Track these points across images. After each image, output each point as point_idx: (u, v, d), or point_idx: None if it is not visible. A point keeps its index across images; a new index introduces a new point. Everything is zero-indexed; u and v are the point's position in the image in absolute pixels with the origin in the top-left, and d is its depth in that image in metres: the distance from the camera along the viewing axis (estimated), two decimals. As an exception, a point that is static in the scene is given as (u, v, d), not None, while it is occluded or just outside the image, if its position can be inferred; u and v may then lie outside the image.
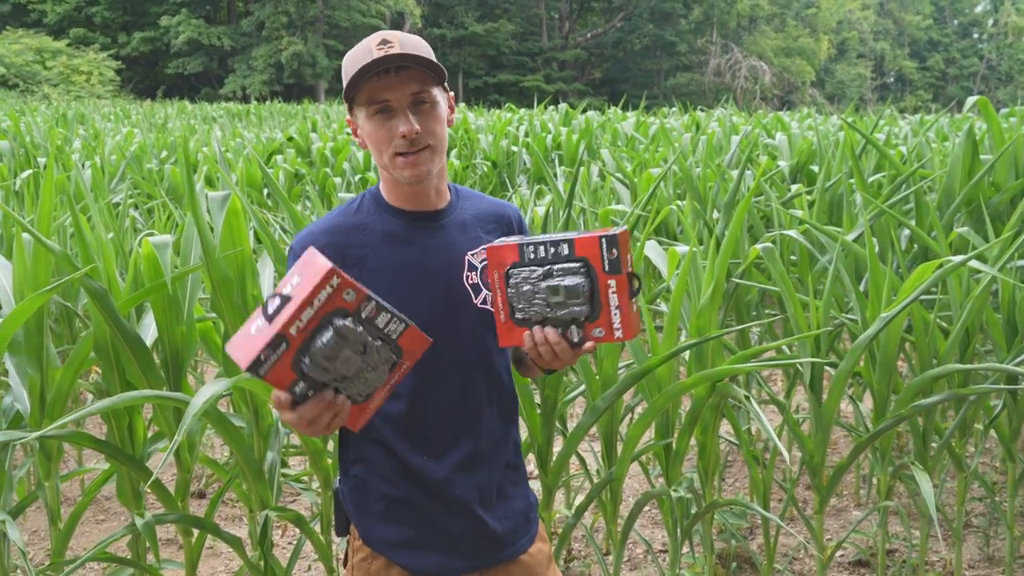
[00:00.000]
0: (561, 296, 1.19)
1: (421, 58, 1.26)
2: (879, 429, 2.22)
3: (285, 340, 1.03)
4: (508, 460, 1.46)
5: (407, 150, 1.28)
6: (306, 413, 1.08)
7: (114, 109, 18.71)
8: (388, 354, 1.11)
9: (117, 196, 5.69)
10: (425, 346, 1.14)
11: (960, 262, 2.05)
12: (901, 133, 7.55)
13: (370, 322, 1.08)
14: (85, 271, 1.82)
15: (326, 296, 1.04)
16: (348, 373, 1.08)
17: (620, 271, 1.18)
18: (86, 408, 1.72)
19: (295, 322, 1.02)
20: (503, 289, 1.23)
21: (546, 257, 1.20)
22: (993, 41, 61.01)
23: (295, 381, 1.06)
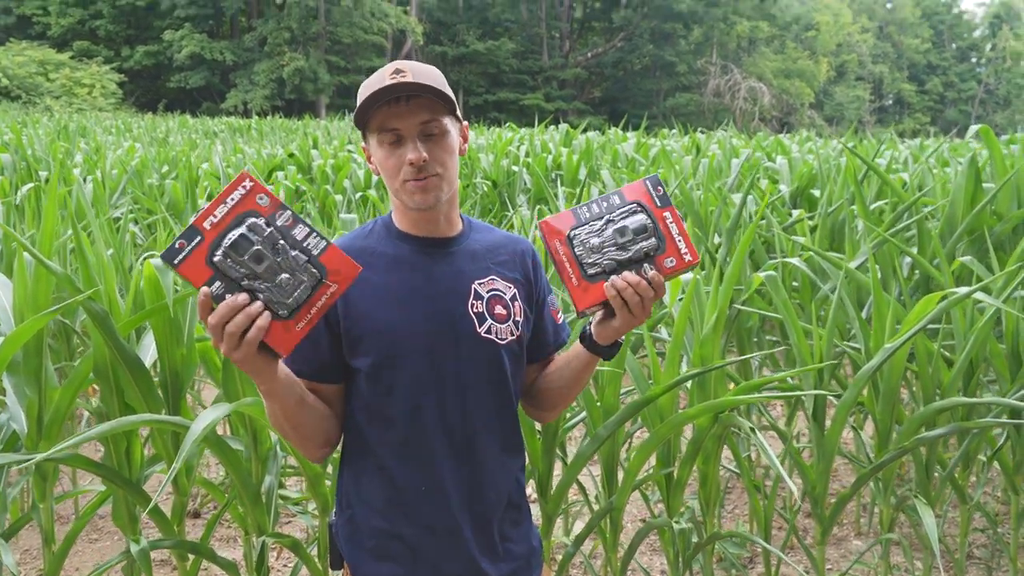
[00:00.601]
0: (629, 235, 1.25)
1: (431, 87, 1.26)
2: (882, 461, 2.21)
3: (199, 233, 1.07)
4: (510, 498, 1.42)
5: (415, 177, 1.28)
6: (222, 312, 1.07)
7: (116, 122, 18.76)
8: (308, 267, 1.11)
9: (117, 211, 5.69)
10: (354, 271, 1.14)
11: (965, 294, 2.05)
12: (901, 157, 7.58)
13: (285, 230, 1.11)
14: (87, 295, 1.80)
15: (239, 196, 1.09)
16: (259, 269, 1.08)
17: (670, 203, 1.27)
18: (85, 433, 1.70)
19: (208, 216, 1.07)
20: (568, 253, 1.27)
21: (601, 212, 1.27)
22: (991, 65, 61.49)
23: (211, 278, 1.07)
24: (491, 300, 1.36)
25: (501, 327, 1.35)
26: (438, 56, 46.06)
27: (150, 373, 2.11)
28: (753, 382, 2.02)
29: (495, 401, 1.38)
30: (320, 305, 1.13)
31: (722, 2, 46.72)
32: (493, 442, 1.39)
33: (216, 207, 1.08)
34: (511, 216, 5.43)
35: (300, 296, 1.11)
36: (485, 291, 1.36)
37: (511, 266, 1.41)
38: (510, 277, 1.40)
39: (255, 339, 1.08)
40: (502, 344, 1.35)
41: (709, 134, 10.01)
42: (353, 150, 9.51)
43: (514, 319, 1.37)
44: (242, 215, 1.09)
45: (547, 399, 1.48)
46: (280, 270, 1.10)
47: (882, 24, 62.55)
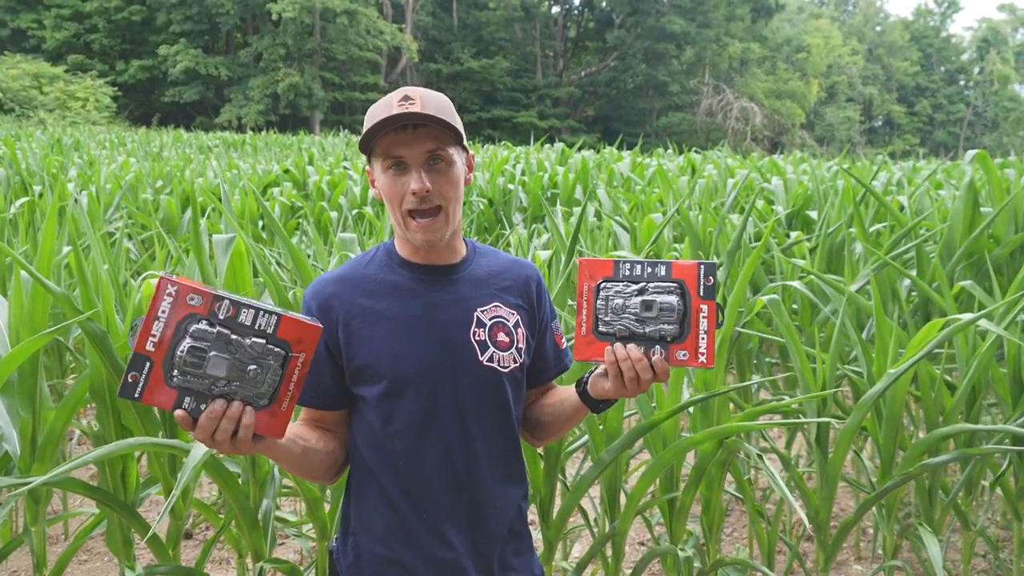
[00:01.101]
0: (654, 312, 1.20)
1: (437, 118, 1.25)
2: (886, 487, 2.19)
3: (147, 359, 1.02)
4: (511, 526, 1.40)
5: (418, 207, 1.27)
6: (204, 426, 1.05)
7: (109, 136, 18.72)
8: (269, 349, 1.06)
9: (111, 226, 5.66)
10: (316, 333, 1.09)
11: (969, 321, 2.04)
12: (894, 179, 7.63)
13: (232, 321, 1.05)
14: (87, 316, 1.78)
15: (169, 305, 1.02)
16: (223, 374, 1.04)
17: (713, 298, 1.20)
18: (81, 457, 1.67)
19: (148, 338, 1.02)
20: (591, 301, 1.23)
21: (641, 275, 1.21)
22: (979, 88, 62.26)
23: (179, 397, 1.03)
24: (494, 327, 1.34)
25: (503, 355, 1.34)
26: (432, 73, 46.30)
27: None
28: (758, 408, 2.01)
29: (497, 429, 1.36)
30: (296, 378, 1.09)
31: (714, 23, 47.22)
32: (495, 471, 1.37)
33: (151, 325, 1.02)
34: (508, 235, 5.43)
35: (273, 380, 1.07)
36: (488, 318, 1.34)
37: (515, 292, 1.40)
38: (513, 303, 1.39)
39: (246, 437, 1.07)
40: (504, 372, 1.34)
41: (704, 155, 10.06)
42: (349, 167, 9.51)
43: (517, 346, 1.36)
44: (181, 323, 1.03)
45: (538, 428, 1.47)
46: (244, 364, 1.05)
47: (872, 46, 63.30)
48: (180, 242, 5.74)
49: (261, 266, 2.18)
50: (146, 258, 5.12)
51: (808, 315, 3.19)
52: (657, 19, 46.14)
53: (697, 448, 2.11)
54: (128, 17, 38.62)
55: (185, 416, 1.05)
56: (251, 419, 1.06)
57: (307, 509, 2.23)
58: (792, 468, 2.29)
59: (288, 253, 2.73)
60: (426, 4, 47.44)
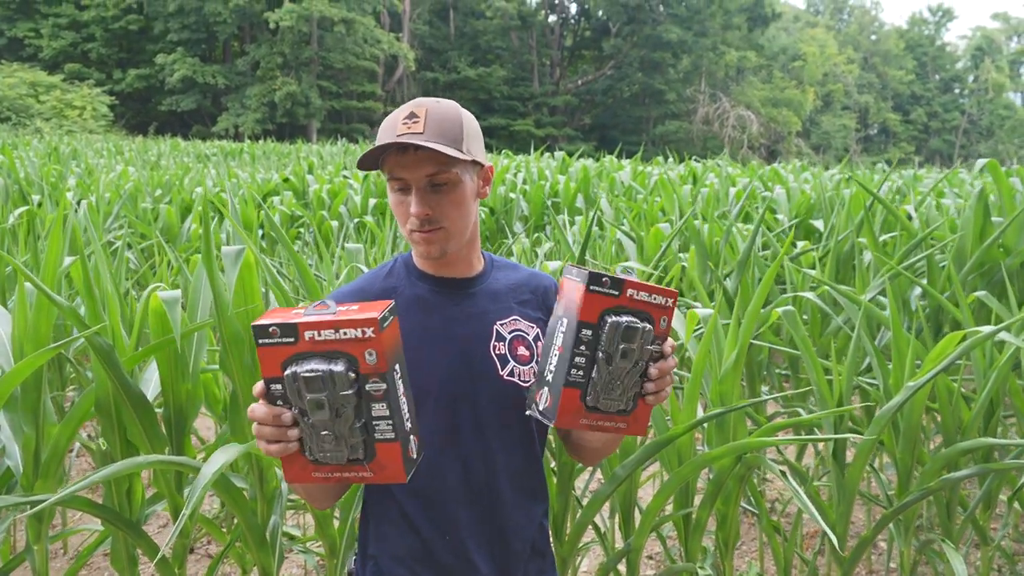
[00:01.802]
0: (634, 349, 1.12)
1: (430, 149, 1.19)
2: (906, 502, 2.16)
3: (295, 336, 0.98)
4: (534, 546, 1.36)
5: (419, 229, 1.25)
6: (258, 412, 1.03)
7: (106, 145, 18.68)
8: (358, 442, 1.02)
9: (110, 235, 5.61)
10: (395, 478, 1.04)
11: (990, 334, 2.01)
12: (894, 187, 7.63)
13: (367, 398, 1.00)
14: (95, 330, 1.74)
15: (352, 336, 0.98)
16: (311, 416, 1.00)
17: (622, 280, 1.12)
18: (89, 476, 1.62)
19: (312, 330, 0.98)
20: (600, 416, 1.15)
21: (589, 354, 1.12)
22: (974, 96, 62.58)
23: (276, 379, 1.00)
24: (514, 341, 1.32)
25: (524, 369, 1.31)
26: (429, 82, 46.38)
27: (154, 410, 2.04)
28: (777, 424, 1.97)
29: (518, 445, 1.33)
30: (347, 476, 1.05)
31: (711, 32, 47.41)
32: (516, 488, 1.33)
33: (328, 328, 0.98)
34: (511, 243, 5.40)
35: (330, 459, 1.04)
36: (507, 332, 1.31)
37: (534, 305, 1.37)
38: (533, 317, 1.36)
39: (272, 455, 1.05)
40: (526, 386, 1.30)
41: (705, 163, 10.06)
42: (349, 176, 9.48)
43: (537, 359, 1.32)
44: (339, 353, 0.99)
45: (582, 450, 1.42)
46: (328, 428, 1.01)
47: (867, 55, 63.62)
48: (180, 251, 5.70)
49: (271, 279, 2.14)
50: (146, 268, 5.08)
51: (818, 326, 3.16)
52: (654, 28, 46.32)
53: (713, 463, 2.07)
54: (125, 26, 38.65)
55: (263, 390, 1.02)
56: (288, 451, 1.04)
57: (316, 526, 2.18)
58: (809, 483, 2.25)
59: (292, 263, 2.69)
60: (423, 13, 47.58)
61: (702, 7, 46.77)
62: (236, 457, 1.70)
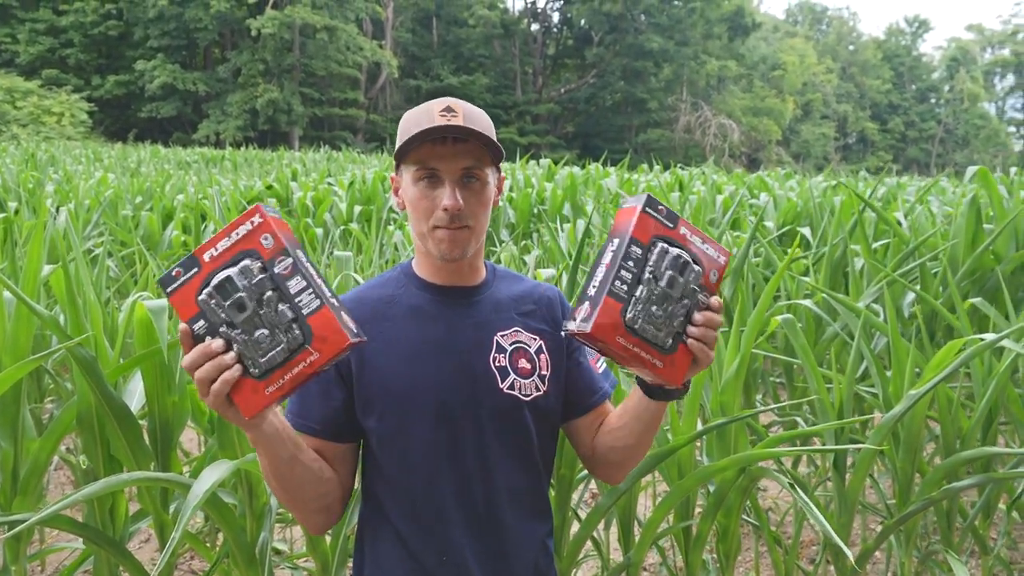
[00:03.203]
0: (679, 282, 1.09)
1: (480, 134, 1.18)
2: (909, 512, 2.13)
3: (197, 264, 1.00)
4: (537, 567, 1.30)
5: (446, 225, 1.19)
6: (191, 357, 0.98)
7: (85, 151, 18.44)
8: (291, 325, 0.99)
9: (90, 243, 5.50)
10: (342, 342, 1.00)
11: (992, 342, 1.99)
12: (878, 194, 7.68)
13: (281, 280, 1.00)
14: (77, 341, 1.67)
15: (244, 232, 1.00)
16: (237, 319, 0.99)
17: (677, 215, 1.12)
18: (71, 495, 1.55)
19: (210, 248, 1.00)
20: (637, 341, 1.09)
21: (634, 271, 1.08)
22: (950, 106, 63.51)
23: (195, 315, 0.99)
24: (515, 353, 1.26)
25: (525, 382, 1.25)
26: (412, 90, 46.34)
27: (139, 424, 1.97)
28: (780, 435, 1.94)
29: (518, 464, 1.27)
30: (296, 371, 1.00)
31: (692, 41, 47.78)
32: (518, 507, 1.28)
33: (220, 239, 1.00)
34: (498, 251, 5.35)
35: (275, 358, 0.99)
36: (508, 343, 1.26)
37: (537, 316, 1.32)
38: (536, 328, 1.30)
39: (221, 392, 0.98)
40: (526, 400, 1.25)
41: (691, 171, 10.08)
42: (333, 183, 9.40)
43: (539, 373, 1.27)
44: (240, 254, 1.00)
45: (611, 456, 1.34)
46: (260, 324, 0.99)
47: (845, 65, 64.42)
48: (162, 259, 5.60)
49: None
50: (127, 276, 4.97)
51: (813, 334, 3.14)
52: (635, 37, 46.61)
53: (716, 476, 2.03)
54: (104, 32, 38.28)
55: (187, 336, 1.00)
56: (233, 376, 0.98)
57: (307, 542, 2.12)
58: (811, 492, 2.21)
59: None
60: (406, 21, 47.57)
61: (683, 17, 47.15)
62: (228, 474, 1.63)
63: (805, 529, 3.21)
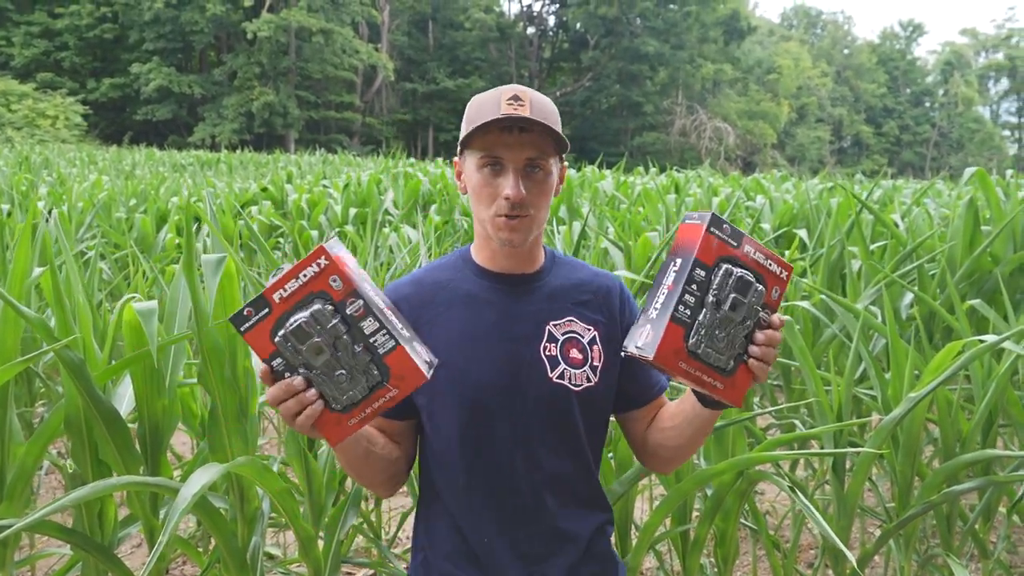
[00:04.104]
0: (743, 305, 1.09)
1: (546, 126, 1.18)
2: (909, 516, 2.10)
3: (268, 305, 1.01)
4: (589, 549, 1.30)
5: (508, 213, 1.21)
6: (274, 393, 1.04)
7: (80, 154, 18.38)
8: (369, 366, 1.03)
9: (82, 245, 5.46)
10: (419, 380, 1.05)
11: (993, 343, 1.97)
12: (874, 197, 7.68)
13: (354, 322, 1.03)
14: (64, 343, 1.64)
15: (312, 273, 1.02)
16: (316, 364, 1.02)
17: (742, 233, 1.12)
18: (58, 500, 1.52)
19: (279, 289, 1.01)
20: (700, 366, 1.09)
21: (697, 294, 1.08)
22: (944, 109, 63.74)
23: (273, 354, 1.03)
24: (566, 343, 1.27)
25: (575, 372, 1.26)
26: (408, 93, 46.36)
27: (128, 427, 1.93)
28: (780, 438, 1.92)
29: (565, 452, 1.28)
30: (377, 405, 1.06)
31: (687, 45, 47.89)
32: (565, 495, 1.29)
33: (288, 280, 1.01)
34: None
35: (355, 396, 1.04)
36: (560, 333, 1.27)
37: (593, 306, 1.32)
38: (591, 319, 1.30)
39: (305, 424, 1.04)
40: (576, 391, 1.26)
41: (687, 174, 10.07)
42: (328, 185, 9.37)
43: (591, 364, 1.27)
44: (311, 296, 1.02)
45: (660, 450, 1.35)
46: (337, 366, 1.03)
47: (840, 69, 64.63)
48: (155, 261, 5.56)
49: (254, 289, 2.05)
50: (120, 279, 4.93)
51: (811, 335, 3.12)
52: (631, 40, 46.70)
53: (714, 479, 2.00)
54: (100, 35, 38.22)
55: (267, 374, 1.04)
56: (315, 412, 1.04)
57: (300, 548, 2.08)
58: (811, 496, 2.19)
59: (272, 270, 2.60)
60: (402, 24, 47.59)
61: (679, 20, 47.26)
62: (217, 477, 1.60)
63: (804, 533, 3.19)
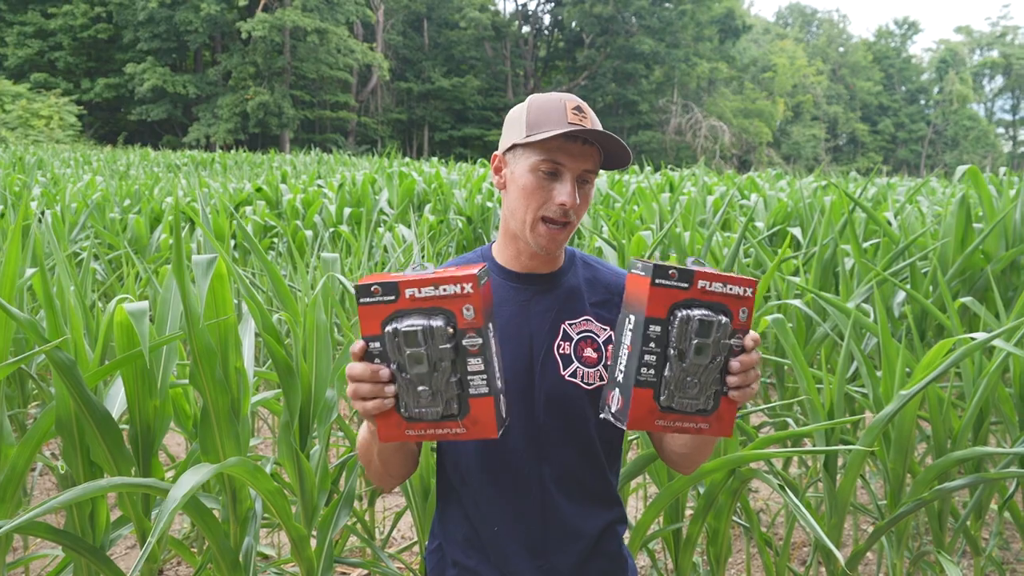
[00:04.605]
0: (708, 345, 1.05)
1: (615, 141, 1.23)
2: (900, 513, 2.11)
3: (396, 293, 1.01)
4: (597, 546, 1.32)
5: (557, 219, 1.23)
6: (356, 370, 1.05)
7: (74, 155, 18.33)
8: (453, 396, 1.04)
9: (76, 246, 5.45)
10: (487, 433, 1.05)
11: (983, 341, 1.98)
12: (868, 195, 7.70)
13: (464, 354, 1.03)
14: (54, 344, 1.63)
15: (452, 292, 1.01)
16: (409, 371, 1.03)
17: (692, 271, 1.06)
18: (48, 501, 1.52)
19: (413, 288, 1.01)
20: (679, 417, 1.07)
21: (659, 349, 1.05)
22: (939, 107, 63.86)
23: (376, 337, 1.03)
24: (581, 342, 1.29)
25: (589, 371, 1.28)
26: (403, 92, 46.31)
27: (119, 428, 1.93)
28: (772, 436, 1.92)
29: (575, 449, 1.30)
30: (439, 433, 1.06)
31: (683, 43, 47.91)
32: (575, 492, 1.31)
33: (427, 285, 1.01)
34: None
35: (426, 415, 1.05)
36: (575, 332, 1.30)
37: (611, 307, 1.33)
38: (607, 319, 1.32)
39: (369, 412, 1.06)
40: (587, 389, 1.28)
41: (681, 172, 10.08)
42: (323, 185, 9.35)
43: (605, 363, 1.29)
44: (438, 310, 1.02)
45: (674, 454, 1.35)
46: (426, 382, 1.03)
47: (835, 67, 64.71)
48: (149, 262, 5.55)
49: (245, 290, 2.05)
50: (114, 279, 4.92)
51: (803, 334, 3.12)
52: (627, 39, 46.72)
53: (705, 478, 2.01)
54: (94, 35, 38.10)
55: (362, 349, 1.05)
56: (384, 407, 1.05)
57: (292, 548, 2.08)
58: (803, 495, 2.20)
59: (266, 273, 2.59)
60: (397, 23, 47.53)
61: (674, 19, 47.29)
62: (208, 478, 1.60)
63: (797, 530, 3.20)
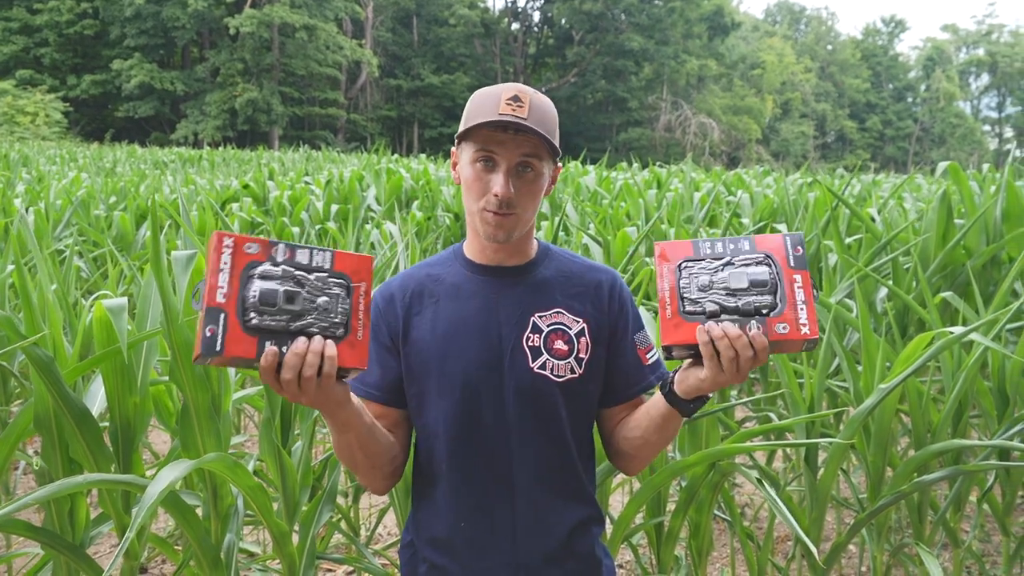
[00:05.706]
0: (745, 283, 1.10)
1: (538, 133, 1.21)
2: (879, 506, 2.13)
3: (220, 311, 1.02)
4: (569, 546, 1.30)
5: (496, 210, 1.24)
6: (291, 363, 1.02)
7: (60, 152, 18.18)
8: (332, 281, 1.08)
9: (60, 243, 5.41)
10: (369, 263, 1.11)
11: (961, 335, 2.00)
12: (854, 191, 7.74)
13: (291, 262, 1.07)
14: (32, 340, 1.62)
15: (229, 256, 1.04)
16: (298, 307, 1.05)
17: (806, 268, 1.11)
18: (24, 497, 1.51)
19: (216, 291, 1.02)
20: (673, 282, 1.12)
21: (724, 252, 1.13)
22: (926, 105, 64.23)
23: (259, 342, 1.03)
24: (551, 334, 1.29)
25: (559, 363, 1.28)
26: (393, 89, 46.18)
27: (99, 425, 1.92)
28: (752, 430, 1.93)
29: (545, 441, 1.29)
30: (363, 307, 1.10)
31: (672, 41, 47.98)
32: (542, 485, 1.30)
33: (216, 278, 1.03)
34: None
35: (344, 308, 1.08)
36: (546, 324, 1.29)
37: (583, 299, 1.33)
38: (579, 311, 1.32)
39: (332, 370, 1.04)
40: (557, 382, 1.27)
41: (669, 169, 10.10)
42: (311, 182, 9.32)
43: (576, 356, 1.29)
44: (245, 270, 1.04)
45: (624, 449, 1.34)
46: (313, 296, 1.06)
47: (823, 64, 64.98)
48: (134, 259, 5.52)
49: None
50: (98, 276, 4.89)
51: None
52: (616, 36, 46.75)
53: (687, 471, 2.02)
54: (80, 31, 37.82)
55: (271, 363, 1.03)
56: (334, 350, 1.05)
57: (274, 544, 2.08)
58: (782, 490, 2.21)
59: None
60: (386, 20, 47.40)
61: (663, 16, 47.35)
62: (186, 473, 1.60)
63: (780, 525, 3.22)
